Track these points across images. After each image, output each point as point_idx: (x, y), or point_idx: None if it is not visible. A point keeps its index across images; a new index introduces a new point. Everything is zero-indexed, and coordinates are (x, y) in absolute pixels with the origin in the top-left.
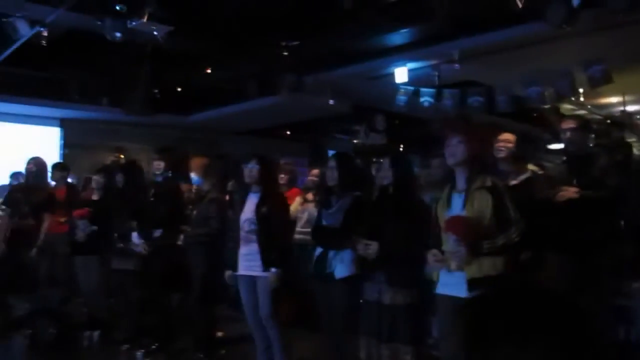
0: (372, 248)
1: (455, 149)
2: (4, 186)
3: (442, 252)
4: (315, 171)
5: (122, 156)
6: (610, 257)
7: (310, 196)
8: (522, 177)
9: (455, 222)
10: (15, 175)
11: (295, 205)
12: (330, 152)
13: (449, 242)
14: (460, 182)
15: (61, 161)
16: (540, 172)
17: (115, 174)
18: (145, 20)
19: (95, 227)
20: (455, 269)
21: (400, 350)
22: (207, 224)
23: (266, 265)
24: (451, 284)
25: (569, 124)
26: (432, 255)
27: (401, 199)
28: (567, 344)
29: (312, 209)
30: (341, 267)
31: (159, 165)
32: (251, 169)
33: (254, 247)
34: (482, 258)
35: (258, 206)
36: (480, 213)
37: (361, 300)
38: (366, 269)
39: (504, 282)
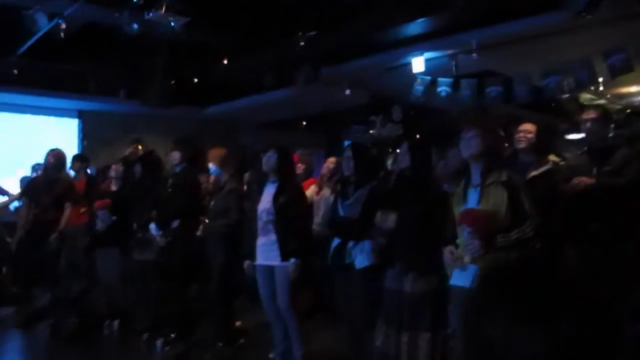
0: (390, 218)
1: (469, 142)
2: (25, 178)
3: (457, 247)
4: (332, 159)
5: (140, 147)
6: (631, 249)
7: (325, 174)
8: (543, 168)
9: (470, 214)
10: (36, 167)
11: (309, 192)
12: (347, 143)
13: (463, 234)
14: (475, 177)
15: (81, 153)
16: (562, 163)
17: (134, 165)
18: (162, 11)
19: (114, 218)
20: (468, 261)
21: (419, 337)
22: (226, 215)
23: (284, 256)
24: (465, 275)
25: (589, 114)
26: (448, 252)
27: (419, 183)
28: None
29: (329, 197)
30: (361, 257)
31: (176, 156)
32: (269, 158)
33: (272, 237)
34: (496, 252)
35: (276, 196)
36: (496, 208)
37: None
38: (386, 258)
39: (518, 273)
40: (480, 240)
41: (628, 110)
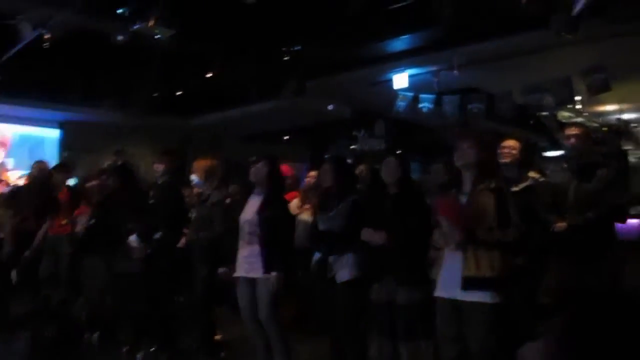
0: (379, 234)
1: (465, 152)
2: None
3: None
4: (313, 173)
5: (116, 159)
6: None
7: (308, 188)
8: (523, 184)
9: (444, 204)
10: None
11: (293, 205)
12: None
13: (443, 225)
14: (467, 186)
15: (63, 163)
16: (542, 179)
17: (109, 178)
18: (150, 23)
19: (93, 220)
20: (453, 249)
21: (422, 347)
22: (209, 227)
23: (268, 268)
24: (449, 286)
25: (572, 131)
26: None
27: (403, 198)
28: None
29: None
30: (343, 271)
31: (159, 167)
32: (259, 169)
33: (256, 249)
34: (479, 257)
35: (261, 208)
36: (482, 212)
37: (367, 302)
38: (375, 272)
39: (501, 286)
40: (458, 229)
41: (605, 128)
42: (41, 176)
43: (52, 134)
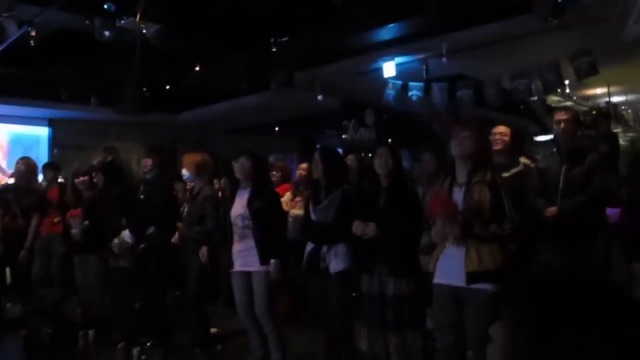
0: (370, 227)
1: (463, 141)
2: None
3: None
4: (304, 165)
5: (105, 156)
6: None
7: (299, 180)
8: (514, 170)
9: (440, 201)
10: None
11: (285, 199)
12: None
13: (438, 223)
14: (461, 176)
15: (52, 161)
16: (532, 165)
17: (97, 175)
18: (135, 18)
19: (87, 222)
20: (452, 243)
21: (409, 337)
22: (201, 222)
23: (264, 259)
24: (448, 273)
25: (561, 116)
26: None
27: (398, 191)
28: None
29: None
30: (336, 261)
31: (147, 163)
32: (241, 165)
33: (250, 242)
34: (481, 252)
35: (250, 201)
36: (480, 205)
37: (358, 293)
38: (366, 263)
39: (503, 277)
40: (455, 226)
41: (594, 112)
42: (28, 172)
43: (46, 133)
